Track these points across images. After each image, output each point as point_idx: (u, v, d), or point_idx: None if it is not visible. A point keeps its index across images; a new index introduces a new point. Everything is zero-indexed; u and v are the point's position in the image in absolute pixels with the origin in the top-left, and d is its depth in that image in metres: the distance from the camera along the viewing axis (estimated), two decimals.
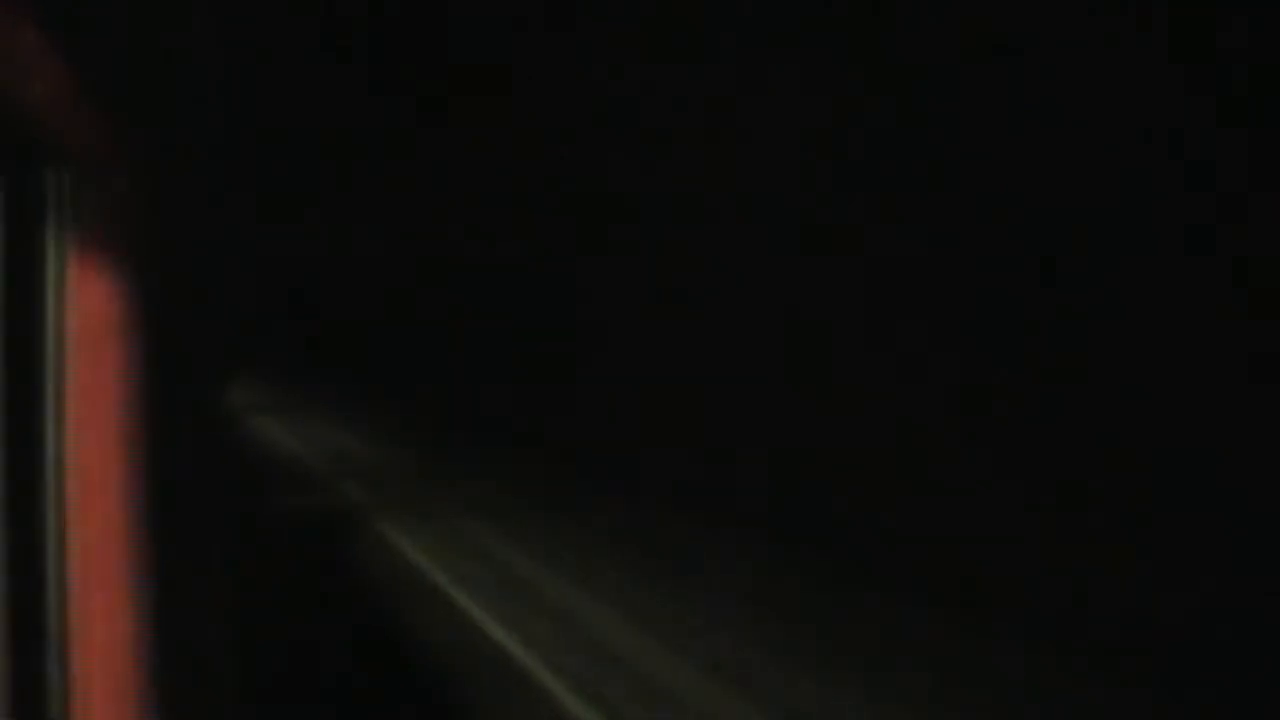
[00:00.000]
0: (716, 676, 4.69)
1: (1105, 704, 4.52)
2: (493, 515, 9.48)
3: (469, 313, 18.15)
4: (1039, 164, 6.05)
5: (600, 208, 12.62)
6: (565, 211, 13.63)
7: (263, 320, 29.58)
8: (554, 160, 13.68)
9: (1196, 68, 5.03)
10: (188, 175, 1.69)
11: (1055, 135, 5.94)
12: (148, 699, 1.25)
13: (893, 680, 4.73)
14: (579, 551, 7.72)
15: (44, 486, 1.23)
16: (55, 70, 1.08)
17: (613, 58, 11.71)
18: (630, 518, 9.50)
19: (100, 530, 1.24)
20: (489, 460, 14.50)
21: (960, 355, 7.11)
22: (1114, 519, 5.61)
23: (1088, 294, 5.86)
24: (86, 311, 1.25)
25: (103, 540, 1.25)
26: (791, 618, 5.77)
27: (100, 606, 1.24)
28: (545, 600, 6.09)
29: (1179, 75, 5.13)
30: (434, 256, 19.60)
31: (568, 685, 4.55)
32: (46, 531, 1.22)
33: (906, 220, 7.54)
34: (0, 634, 1.15)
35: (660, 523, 9.12)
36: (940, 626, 5.73)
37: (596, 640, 5.27)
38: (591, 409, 13.22)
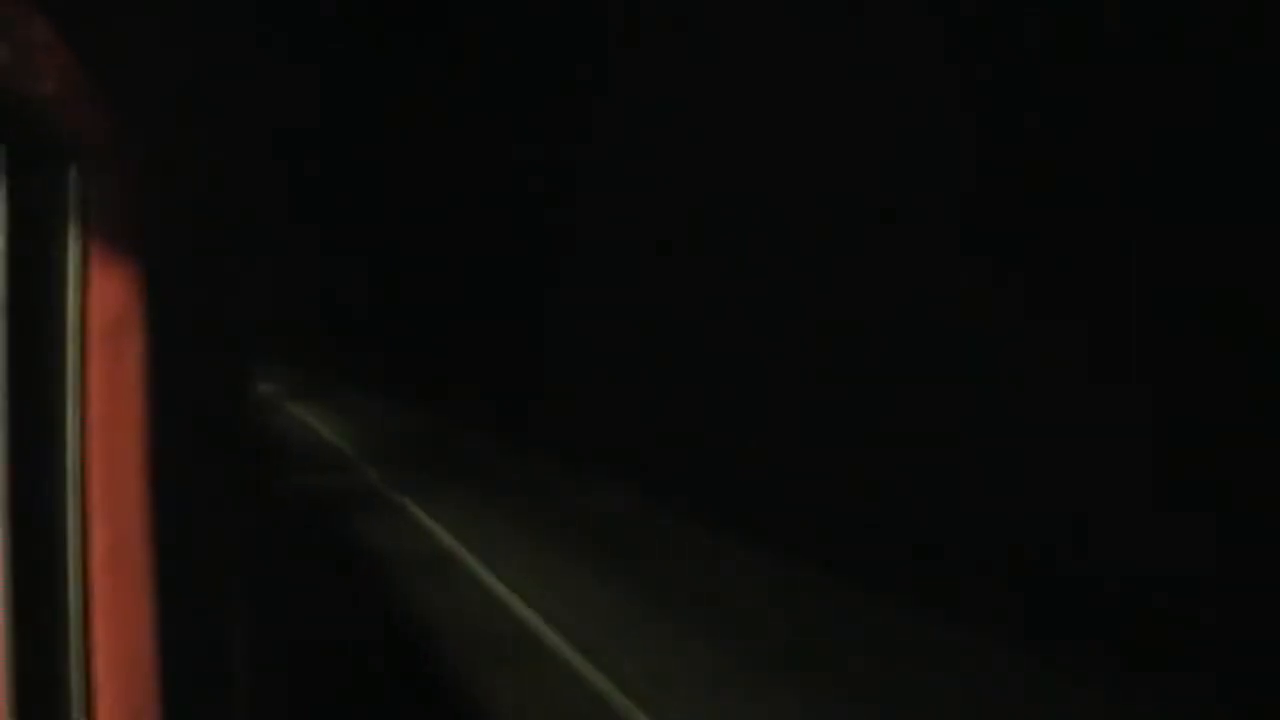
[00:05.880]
0: None
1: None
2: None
3: (480, 306, 18.14)
4: None
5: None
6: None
7: (286, 313, 29.85)
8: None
9: None
10: (203, 168, 1.68)
11: None
12: (169, 701, 1.24)
13: None
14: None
15: (65, 487, 1.22)
16: (66, 65, 1.06)
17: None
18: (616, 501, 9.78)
19: (123, 531, 1.23)
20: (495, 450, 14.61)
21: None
22: None
23: None
24: (105, 308, 1.24)
25: (125, 541, 1.23)
26: None
27: (122, 608, 1.23)
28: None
29: None
30: (454, 253, 19.56)
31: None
32: (68, 532, 1.21)
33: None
34: (21, 637, 1.14)
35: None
36: None
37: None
38: (591, 406, 13.25)
